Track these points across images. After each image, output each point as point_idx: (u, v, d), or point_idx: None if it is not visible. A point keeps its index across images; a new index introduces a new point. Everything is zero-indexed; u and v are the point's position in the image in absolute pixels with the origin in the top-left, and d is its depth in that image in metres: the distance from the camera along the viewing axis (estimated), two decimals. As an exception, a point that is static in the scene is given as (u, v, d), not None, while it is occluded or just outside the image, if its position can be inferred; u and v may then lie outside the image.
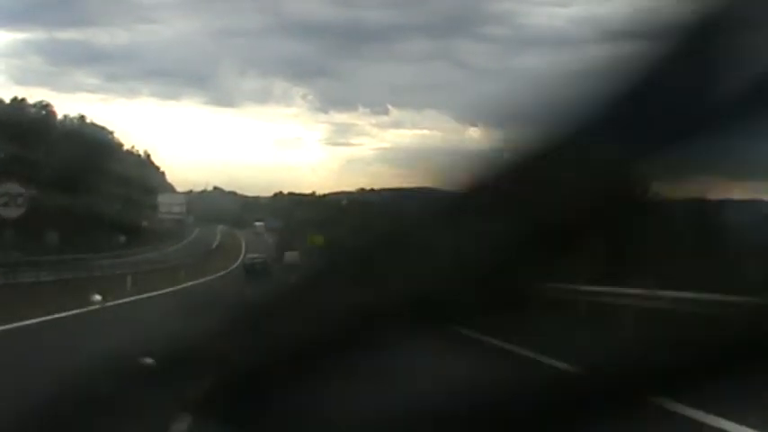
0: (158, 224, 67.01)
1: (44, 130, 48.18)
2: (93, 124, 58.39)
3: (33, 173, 34.23)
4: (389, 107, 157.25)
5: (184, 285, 25.53)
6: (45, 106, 54.54)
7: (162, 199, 70.24)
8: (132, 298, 19.06)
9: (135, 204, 54.13)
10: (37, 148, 41.14)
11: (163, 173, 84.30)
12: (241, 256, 56.75)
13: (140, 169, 66.00)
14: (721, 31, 0.88)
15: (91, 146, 50.23)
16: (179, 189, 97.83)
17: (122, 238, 48.83)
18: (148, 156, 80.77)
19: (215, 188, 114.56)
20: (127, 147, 73.78)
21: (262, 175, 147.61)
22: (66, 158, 42.57)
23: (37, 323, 12.86)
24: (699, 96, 0.89)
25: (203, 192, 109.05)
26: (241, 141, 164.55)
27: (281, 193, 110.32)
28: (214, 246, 77.84)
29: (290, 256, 54.29)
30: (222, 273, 43.67)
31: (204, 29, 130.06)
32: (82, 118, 57.91)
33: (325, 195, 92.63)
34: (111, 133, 61.26)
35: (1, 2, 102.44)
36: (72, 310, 14.32)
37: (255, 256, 50.47)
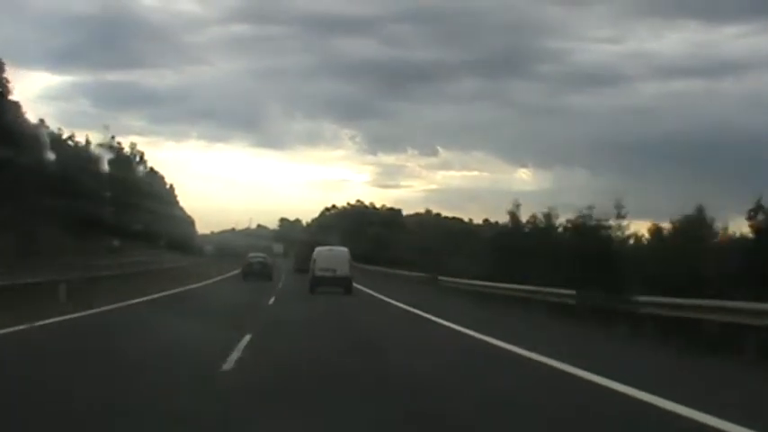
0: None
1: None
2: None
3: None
4: (438, 148, 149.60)
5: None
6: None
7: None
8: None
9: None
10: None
11: (171, 186, 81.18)
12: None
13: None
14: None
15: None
16: (214, 229, 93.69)
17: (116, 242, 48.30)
18: (143, 158, 76.98)
19: (259, 226, 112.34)
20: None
21: (308, 214, 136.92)
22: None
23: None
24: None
25: (246, 229, 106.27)
26: (288, 183, 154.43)
27: (334, 206, 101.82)
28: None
29: (327, 258, 26.61)
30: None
31: (252, 70, 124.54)
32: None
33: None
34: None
35: (48, 45, 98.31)
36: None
37: (256, 255, 43.07)
